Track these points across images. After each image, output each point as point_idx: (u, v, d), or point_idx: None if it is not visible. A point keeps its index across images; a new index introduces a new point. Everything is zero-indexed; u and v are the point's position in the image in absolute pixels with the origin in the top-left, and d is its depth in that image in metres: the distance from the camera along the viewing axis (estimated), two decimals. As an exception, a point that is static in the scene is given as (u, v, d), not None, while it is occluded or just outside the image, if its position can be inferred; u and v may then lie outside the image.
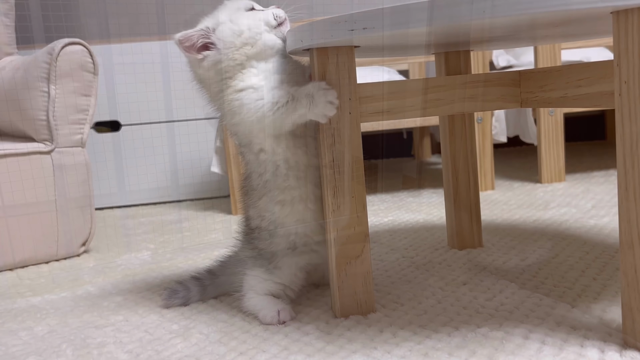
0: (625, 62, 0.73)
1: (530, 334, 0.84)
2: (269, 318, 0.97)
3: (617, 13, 0.73)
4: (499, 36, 0.97)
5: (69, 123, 1.53)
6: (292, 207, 0.98)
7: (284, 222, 0.99)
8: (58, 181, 1.52)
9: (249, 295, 1.02)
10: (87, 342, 0.96)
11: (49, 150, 1.50)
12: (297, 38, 0.90)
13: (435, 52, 1.23)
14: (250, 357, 0.85)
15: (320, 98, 0.89)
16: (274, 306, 0.98)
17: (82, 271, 1.40)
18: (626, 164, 0.74)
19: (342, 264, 0.95)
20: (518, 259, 1.20)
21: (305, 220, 0.99)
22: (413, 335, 0.87)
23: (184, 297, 1.09)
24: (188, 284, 1.11)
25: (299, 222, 0.99)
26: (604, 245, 1.24)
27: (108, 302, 1.15)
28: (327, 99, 0.89)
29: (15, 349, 0.96)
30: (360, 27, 0.77)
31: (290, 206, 0.98)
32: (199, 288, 1.10)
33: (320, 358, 0.83)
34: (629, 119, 0.73)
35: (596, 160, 2.44)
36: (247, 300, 1.02)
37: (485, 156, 1.93)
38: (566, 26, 0.88)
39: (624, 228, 0.76)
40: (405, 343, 0.85)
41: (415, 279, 1.13)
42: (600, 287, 1.01)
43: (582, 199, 1.71)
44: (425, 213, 1.70)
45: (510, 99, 1.01)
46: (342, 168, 0.93)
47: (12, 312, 1.14)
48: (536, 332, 0.85)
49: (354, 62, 0.92)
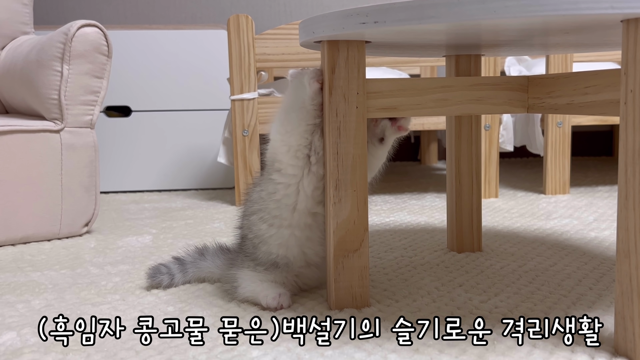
0: (632, 71, 0.73)
1: (522, 336, 0.85)
2: (270, 299, 0.97)
3: (627, 21, 0.73)
4: (510, 40, 0.98)
5: (79, 104, 1.54)
6: (278, 230, 1.00)
7: (269, 243, 1.01)
8: (65, 160, 1.53)
9: (245, 283, 1.02)
10: (83, 317, 0.97)
11: (58, 129, 1.52)
12: (309, 30, 0.90)
13: (446, 54, 1.24)
14: (242, 342, 0.86)
15: (303, 77, 0.94)
16: (275, 289, 0.98)
17: (83, 251, 1.42)
18: (627, 173, 0.75)
19: (339, 256, 0.96)
20: (516, 265, 1.20)
21: (288, 246, 1.00)
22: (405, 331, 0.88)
23: (168, 275, 1.10)
24: (169, 265, 1.12)
25: (281, 247, 1.00)
26: (602, 257, 1.24)
27: (106, 281, 1.17)
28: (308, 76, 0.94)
29: (11, 320, 0.97)
30: (372, 21, 0.78)
31: (276, 229, 1.00)
32: (178, 266, 1.12)
33: (312, 347, 0.83)
34: (632, 128, 0.74)
35: (602, 175, 2.44)
36: (243, 288, 1.01)
37: (491, 164, 1.93)
38: (577, 34, 0.88)
39: (622, 236, 0.76)
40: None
41: (412, 277, 1.13)
42: (596, 296, 1.01)
43: (584, 211, 1.72)
44: (427, 216, 1.71)
45: (517, 103, 1.02)
46: (346, 161, 0.94)
47: (11, 285, 1.15)
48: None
49: (364, 57, 0.93)
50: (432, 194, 2.08)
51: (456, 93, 0.99)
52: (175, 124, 2.34)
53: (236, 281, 1.03)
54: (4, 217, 1.45)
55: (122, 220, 1.77)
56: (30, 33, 1.83)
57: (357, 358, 0.80)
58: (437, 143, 2.98)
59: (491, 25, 0.77)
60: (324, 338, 0.85)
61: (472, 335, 0.85)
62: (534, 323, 0.86)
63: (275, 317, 0.93)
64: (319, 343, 0.84)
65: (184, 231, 1.59)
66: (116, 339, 0.88)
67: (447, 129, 1.29)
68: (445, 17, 0.73)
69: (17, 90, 1.63)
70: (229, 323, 0.87)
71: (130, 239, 1.51)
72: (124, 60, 2.28)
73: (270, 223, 1.00)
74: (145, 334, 0.87)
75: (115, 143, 2.32)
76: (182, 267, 1.12)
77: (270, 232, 1.00)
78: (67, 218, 1.54)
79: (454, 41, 1.00)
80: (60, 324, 0.89)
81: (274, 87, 1.99)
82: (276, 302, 0.97)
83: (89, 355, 0.83)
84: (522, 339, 0.84)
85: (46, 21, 2.70)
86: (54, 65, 1.50)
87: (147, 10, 2.78)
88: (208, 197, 2.16)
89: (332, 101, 0.92)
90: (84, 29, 1.52)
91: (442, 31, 0.83)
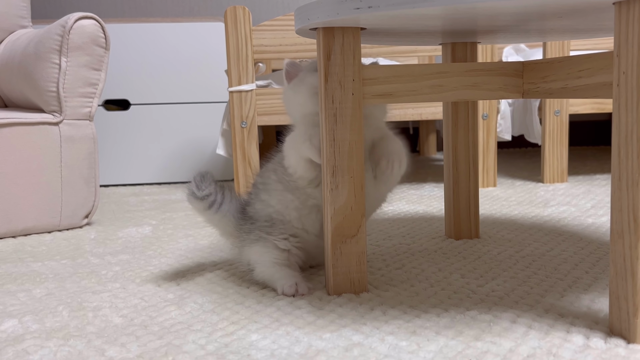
0: (624, 53, 0.74)
1: (518, 318, 0.86)
2: (287, 288, 0.98)
3: (619, 4, 0.74)
4: (505, 26, 0.99)
5: (78, 96, 1.55)
6: (309, 212, 1.04)
7: (290, 223, 1.04)
8: (64, 152, 1.54)
9: (260, 267, 1.04)
10: (83, 305, 0.98)
11: (57, 122, 1.52)
12: (303, 16, 0.91)
13: (442, 42, 1.24)
14: (241, 326, 0.87)
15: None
16: (292, 278, 1.00)
17: (83, 242, 1.42)
18: (620, 154, 0.75)
19: (337, 242, 0.96)
20: (513, 250, 1.21)
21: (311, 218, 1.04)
22: (402, 314, 0.89)
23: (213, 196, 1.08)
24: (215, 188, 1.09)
25: (303, 231, 1.04)
26: (599, 242, 1.25)
27: (107, 270, 1.17)
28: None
29: (12, 308, 0.98)
30: (366, 6, 0.79)
31: (307, 210, 1.04)
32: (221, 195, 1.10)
33: (310, 330, 0.84)
34: (625, 109, 0.74)
35: (600, 164, 2.44)
36: (259, 273, 1.04)
37: (489, 153, 1.94)
38: (571, 18, 0.89)
39: (615, 217, 0.77)
40: (394, 321, 0.86)
41: (410, 263, 1.14)
42: (592, 279, 1.02)
43: (582, 199, 1.72)
44: (425, 205, 1.71)
45: (512, 89, 1.02)
46: (342, 148, 0.95)
47: (12, 275, 1.16)
48: (524, 317, 0.86)
49: (359, 44, 0.93)
50: (431, 184, 2.09)
51: (451, 79, 0.99)
52: (174, 117, 2.34)
53: (250, 263, 1.06)
54: (4, 209, 1.46)
55: (122, 212, 1.78)
56: (28, 27, 1.83)
57: (355, 340, 0.81)
58: (435, 134, 2.98)
59: (486, 8, 0.77)
60: (322, 322, 0.86)
61: (469, 317, 0.86)
62: (530, 306, 0.87)
63: (275, 301, 0.94)
64: (317, 326, 0.85)
65: (183, 222, 1.60)
66: (116, 325, 0.89)
67: (444, 116, 1.29)
68: (439, 0, 0.73)
69: (16, 84, 1.64)
70: (227, 308, 0.88)
71: (130, 230, 1.52)
72: (123, 54, 2.29)
73: (297, 209, 1.04)
74: (145, 319, 0.88)
75: (114, 136, 2.32)
76: (223, 196, 1.10)
77: (297, 214, 1.04)
78: (67, 210, 1.55)
79: (449, 27, 1.00)
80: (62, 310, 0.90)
81: (272, 78, 1.99)
82: (293, 290, 0.98)
83: (89, 340, 0.84)
84: (518, 320, 0.85)
85: (44, 15, 2.70)
86: (52, 58, 1.51)
87: (145, 3, 2.78)
88: (207, 189, 2.17)
89: (328, 88, 0.93)
90: (81, 22, 1.53)
91: (437, 16, 0.84)
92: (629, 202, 0.75)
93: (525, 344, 0.77)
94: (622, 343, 0.76)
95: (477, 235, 1.31)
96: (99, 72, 1.58)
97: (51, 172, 1.52)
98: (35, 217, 1.51)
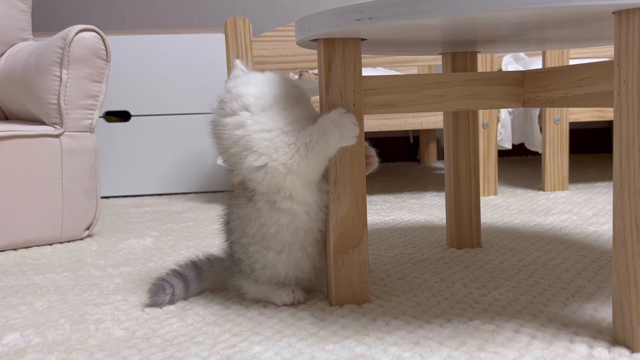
0: (625, 62, 0.74)
1: (521, 328, 0.85)
2: (285, 297, 0.97)
3: (619, 13, 0.74)
4: (505, 35, 0.99)
5: (79, 108, 1.55)
6: (289, 255, 0.97)
7: (277, 268, 0.98)
8: (66, 165, 1.54)
9: (252, 290, 1.01)
10: (85, 317, 0.98)
11: (58, 134, 1.53)
12: (304, 27, 0.91)
13: (442, 52, 1.25)
14: (244, 338, 0.86)
15: (346, 121, 0.90)
16: (287, 287, 0.98)
17: (84, 254, 1.42)
18: (622, 162, 0.75)
19: (339, 252, 0.96)
20: (515, 259, 1.20)
21: (302, 266, 0.99)
22: (405, 325, 0.89)
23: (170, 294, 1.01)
24: (172, 281, 1.03)
25: (297, 269, 0.98)
26: (601, 250, 1.25)
27: (108, 282, 1.17)
28: (351, 120, 0.91)
29: (14, 322, 0.98)
30: (367, 17, 0.79)
31: (287, 253, 0.97)
32: (183, 284, 1.04)
33: (313, 342, 0.84)
34: (626, 117, 0.74)
35: (600, 172, 2.44)
36: (252, 293, 1.01)
37: (490, 161, 1.94)
38: (571, 27, 0.89)
39: (618, 225, 0.77)
40: (397, 332, 0.86)
41: (412, 273, 1.14)
42: (594, 288, 1.02)
43: (583, 207, 1.72)
44: (426, 214, 1.71)
45: (513, 98, 1.03)
46: (344, 158, 0.95)
47: (13, 288, 1.16)
48: (527, 327, 0.86)
49: (359, 55, 0.94)
50: (432, 192, 2.09)
51: (452, 89, 0.99)
52: (175, 128, 2.34)
53: (242, 289, 1.03)
54: (5, 221, 1.46)
55: (123, 223, 1.78)
56: (28, 39, 1.84)
57: (358, 351, 0.80)
58: (436, 143, 2.98)
59: (486, 19, 0.77)
60: (324, 333, 0.86)
61: (472, 327, 0.86)
62: (533, 315, 0.86)
63: (277, 313, 0.93)
64: (320, 338, 0.85)
65: (184, 233, 1.60)
66: (118, 338, 0.89)
67: (444, 125, 1.29)
68: (438, 12, 0.73)
69: (17, 96, 1.64)
70: (229, 320, 0.88)
71: (131, 242, 1.52)
72: (123, 66, 2.29)
73: (278, 250, 0.97)
74: (147, 332, 0.88)
75: (115, 148, 2.32)
76: (185, 284, 1.04)
77: (280, 257, 0.97)
78: (69, 222, 1.55)
79: (449, 37, 1.00)
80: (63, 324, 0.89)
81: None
82: (291, 298, 0.97)
83: (91, 354, 0.84)
84: (521, 330, 0.84)
85: (45, 27, 2.71)
86: (53, 70, 1.51)
87: (145, 15, 2.79)
88: (208, 200, 2.17)
89: (329, 99, 0.93)
90: (82, 34, 1.53)
91: (437, 26, 0.84)
92: (631, 210, 0.75)
93: (529, 354, 0.77)
94: (626, 352, 0.76)
95: (479, 244, 1.30)
96: (99, 84, 1.58)
97: (52, 184, 1.52)
98: (37, 230, 1.50)
